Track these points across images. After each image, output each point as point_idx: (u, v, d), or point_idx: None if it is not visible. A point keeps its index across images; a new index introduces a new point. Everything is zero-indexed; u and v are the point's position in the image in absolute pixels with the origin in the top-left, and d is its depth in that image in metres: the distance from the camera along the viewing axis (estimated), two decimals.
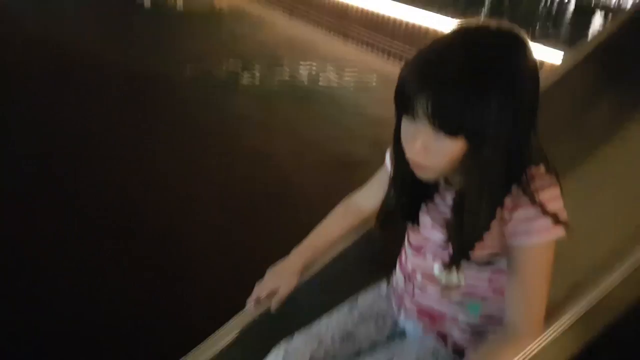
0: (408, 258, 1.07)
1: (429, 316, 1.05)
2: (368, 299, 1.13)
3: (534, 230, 0.88)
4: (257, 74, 5.11)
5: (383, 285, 1.13)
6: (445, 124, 0.82)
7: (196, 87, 4.52)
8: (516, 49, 0.82)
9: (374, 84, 5.54)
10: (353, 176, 3.22)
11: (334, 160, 3.56)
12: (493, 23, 0.84)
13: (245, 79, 4.90)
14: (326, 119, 4.29)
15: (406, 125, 0.87)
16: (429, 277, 1.02)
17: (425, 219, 1.00)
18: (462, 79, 0.80)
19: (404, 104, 0.85)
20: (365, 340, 1.09)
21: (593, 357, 1.09)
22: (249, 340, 1.10)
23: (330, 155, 3.62)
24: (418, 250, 1.04)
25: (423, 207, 1.00)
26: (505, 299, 0.95)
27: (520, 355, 0.93)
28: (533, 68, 0.82)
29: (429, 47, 0.86)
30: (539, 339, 0.95)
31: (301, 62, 5.58)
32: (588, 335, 1.08)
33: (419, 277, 1.04)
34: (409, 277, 1.06)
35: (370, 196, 1.15)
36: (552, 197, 0.88)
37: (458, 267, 0.96)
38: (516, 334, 0.94)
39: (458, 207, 0.90)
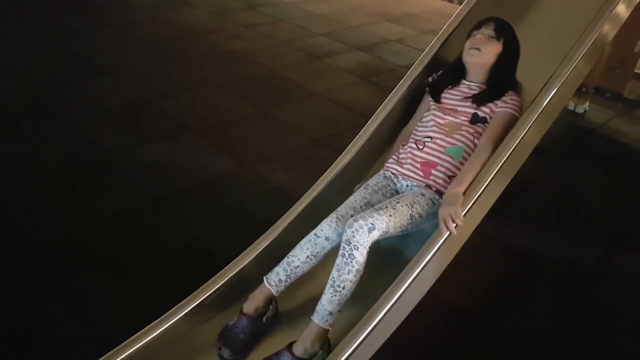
0: (425, 124, 1.80)
1: (426, 165, 1.71)
2: (374, 180, 1.76)
3: (510, 107, 1.74)
4: None
5: (380, 174, 1.79)
6: (498, 31, 1.81)
7: (149, 8, 4.55)
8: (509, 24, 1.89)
9: None
10: (327, 64, 3.69)
11: (306, 54, 3.95)
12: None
13: None
14: (282, 21, 4.58)
15: (474, 35, 1.81)
16: (439, 130, 1.75)
17: (450, 95, 1.84)
18: (504, 22, 1.84)
19: (480, 23, 1.84)
20: (377, 203, 1.66)
21: None
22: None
23: (301, 50, 4.02)
24: (441, 110, 1.80)
25: (447, 92, 1.84)
26: (482, 137, 1.72)
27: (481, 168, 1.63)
28: None
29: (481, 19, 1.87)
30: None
31: None
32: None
33: (432, 133, 1.74)
34: (418, 142, 1.75)
35: (415, 122, 1.89)
36: (521, 98, 1.81)
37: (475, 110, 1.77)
38: (481, 151, 1.67)
39: (494, 74, 1.80)
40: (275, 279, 1.56)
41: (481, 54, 1.78)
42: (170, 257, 1.98)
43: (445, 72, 1.92)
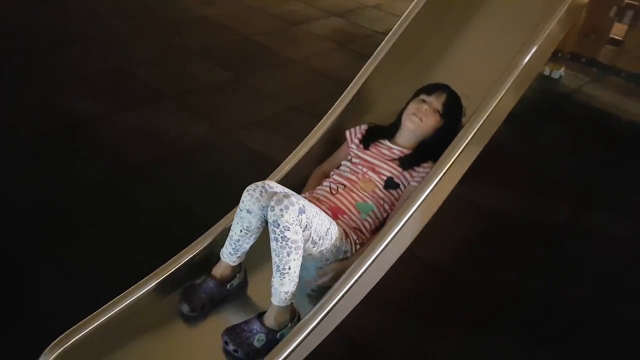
0: (342, 172, 1.82)
1: (335, 210, 1.69)
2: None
3: (422, 181, 1.70)
4: None
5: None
6: (446, 106, 1.86)
7: None
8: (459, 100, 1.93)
9: None
10: (303, 31, 3.78)
11: (281, 21, 4.03)
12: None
13: None
14: None
15: (419, 100, 1.87)
16: (354, 182, 1.77)
17: (373, 151, 1.87)
18: (455, 96, 1.91)
19: (432, 89, 1.89)
20: None
21: None
22: None
23: (276, 17, 4.10)
24: (359, 164, 1.82)
25: (372, 145, 1.88)
26: (392, 215, 1.73)
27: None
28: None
29: (436, 83, 1.95)
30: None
31: None
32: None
33: (347, 182, 1.76)
34: (331, 187, 1.76)
35: (333, 164, 1.93)
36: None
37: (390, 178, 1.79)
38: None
39: (425, 143, 1.86)
40: (226, 252, 1.59)
41: (421, 124, 1.83)
42: (154, 219, 2.08)
43: (378, 126, 1.96)
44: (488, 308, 1.90)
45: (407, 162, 1.80)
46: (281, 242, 1.41)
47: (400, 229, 1.58)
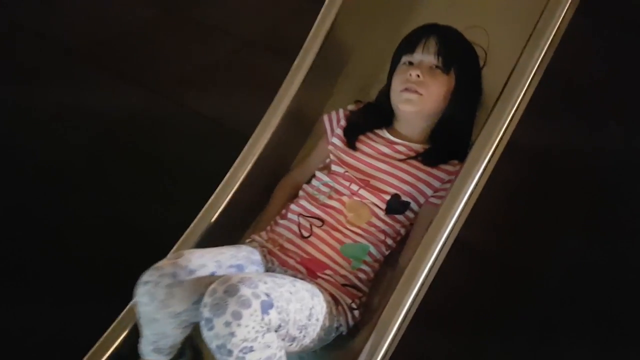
0: (315, 194, 1.22)
1: (310, 264, 1.14)
2: (248, 248, 1.16)
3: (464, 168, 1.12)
4: None
5: (254, 250, 1.17)
6: (444, 54, 1.20)
7: None
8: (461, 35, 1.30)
9: None
10: None
11: None
12: None
13: None
14: None
15: (403, 67, 1.23)
16: (336, 212, 1.17)
17: (368, 150, 1.25)
18: (450, 33, 1.25)
19: (412, 44, 1.23)
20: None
21: None
22: None
23: None
24: (342, 176, 1.21)
25: (366, 142, 1.26)
26: (403, 252, 1.18)
27: None
28: None
29: (415, 29, 1.28)
30: None
31: None
32: None
33: (326, 214, 1.17)
34: (301, 224, 1.18)
35: (306, 172, 1.34)
36: None
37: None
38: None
39: (445, 125, 1.24)
40: (146, 350, 1.09)
41: (423, 99, 1.19)
42: (86, 242, 1.62)
43: (370, 105, 1.33)
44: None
45: (430, 159, 1.22)
46: None
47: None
